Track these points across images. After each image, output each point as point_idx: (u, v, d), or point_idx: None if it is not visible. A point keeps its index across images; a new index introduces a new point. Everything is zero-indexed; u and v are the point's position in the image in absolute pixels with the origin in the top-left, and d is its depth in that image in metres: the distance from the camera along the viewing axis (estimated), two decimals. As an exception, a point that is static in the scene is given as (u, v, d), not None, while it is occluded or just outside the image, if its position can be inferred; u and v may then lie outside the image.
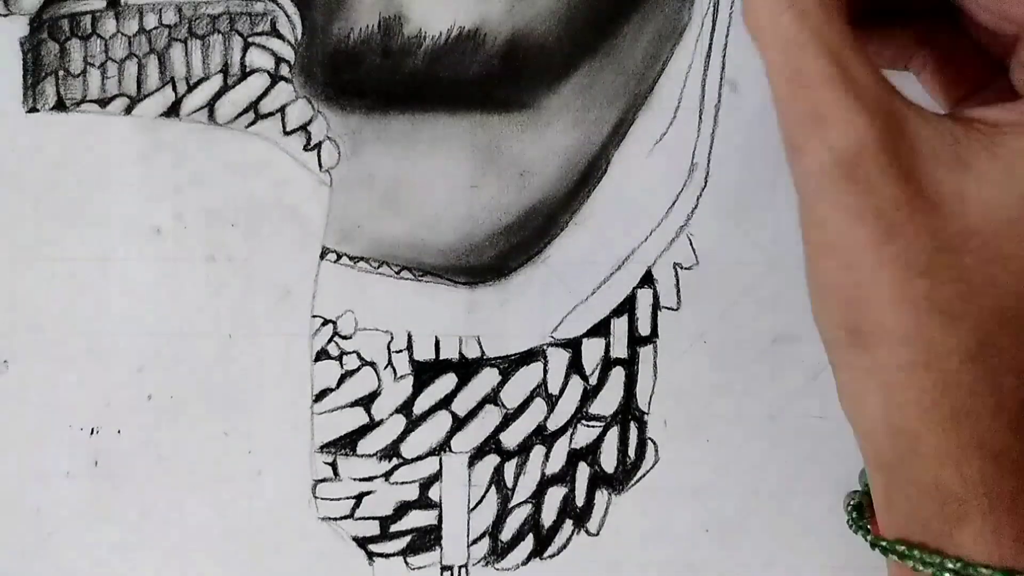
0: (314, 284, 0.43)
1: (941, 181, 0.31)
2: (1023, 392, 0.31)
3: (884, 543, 0.33)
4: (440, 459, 0.43)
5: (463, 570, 0.43)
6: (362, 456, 0.43)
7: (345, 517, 0.43)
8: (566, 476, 0.44)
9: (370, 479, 0.43)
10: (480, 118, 0.43)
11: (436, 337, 0.43)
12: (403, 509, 0.44)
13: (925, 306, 0.30)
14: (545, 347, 0.43)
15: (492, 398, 0.43)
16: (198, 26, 0.43)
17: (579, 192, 0.43)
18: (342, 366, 0.43)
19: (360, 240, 0.43)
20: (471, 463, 0.43)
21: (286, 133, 0.43)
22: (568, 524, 0.44)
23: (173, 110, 0.43)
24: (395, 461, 0.43)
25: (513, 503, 0.44)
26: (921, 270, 0.30)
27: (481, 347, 0.43)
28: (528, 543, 0.44)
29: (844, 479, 0.43)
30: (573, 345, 0.43)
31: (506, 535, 0.44)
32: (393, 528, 0.44)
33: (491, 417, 0.43)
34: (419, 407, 0.43)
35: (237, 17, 0.43)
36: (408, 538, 0.44)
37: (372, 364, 0.43)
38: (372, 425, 0.43)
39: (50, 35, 0.43)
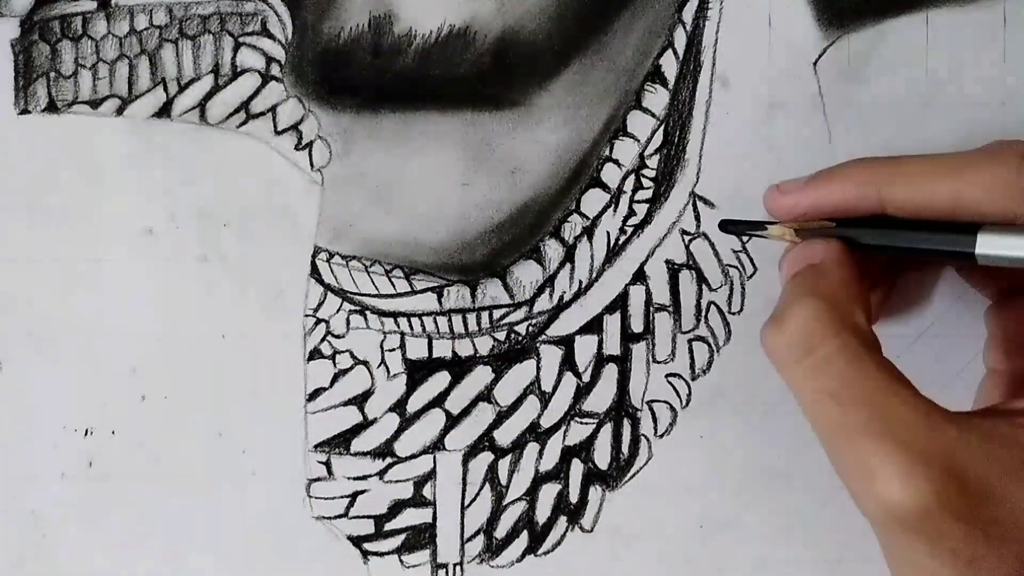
0: (306, 283, 0.43)
1: (1017, 498, 0.30)
2: None
3: None
4: (434, 457, 0.43)
5: (458, 568, 0.43)
6: (356, 455, 0.43)
7: (339, 516, 0.43)
8: (560, 473, 0.44)
9: (364, 478, 0.43)
10: (471, 116, 0.43)
11: (429, 335, 0.43)
12: (397, 507, 0.44)
13: None
14: (538, 344, 0.43)
15: (485, 396, 0.43)
16: (188, 27, 0.43)
17: (570, 189, 0.43)
18: (335, 365, 0.43)
19: (352, 239, 0.43)
20: (465, 461, 0.43)
21: (277, 133, 0.43)
22: (562, 521, 0.44)
23: (164, 111, 0.43)
24: (389, 459, 0.43)
25: (507, 500, 0.44)
26: None
27: (474, 345, 0.43)
28: (522, 540, 0.44)
29: (835, 473, 0.43)
30: (566, 342, 0.43)
31: (500, 532, 0.44)
32: (387, 526, 0.44)
33: (484, 415, 0.43)
34: (412, 405, 0.43)
35: (227, 17, 0.43)
36: (402, 536, 0.44)
37: (365, 363, 0.43)
38: (366, 424, 0.43)
39: (41, 37, 0.43)
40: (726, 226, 0.41)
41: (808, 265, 0.35)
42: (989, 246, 0.33)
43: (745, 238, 0.43)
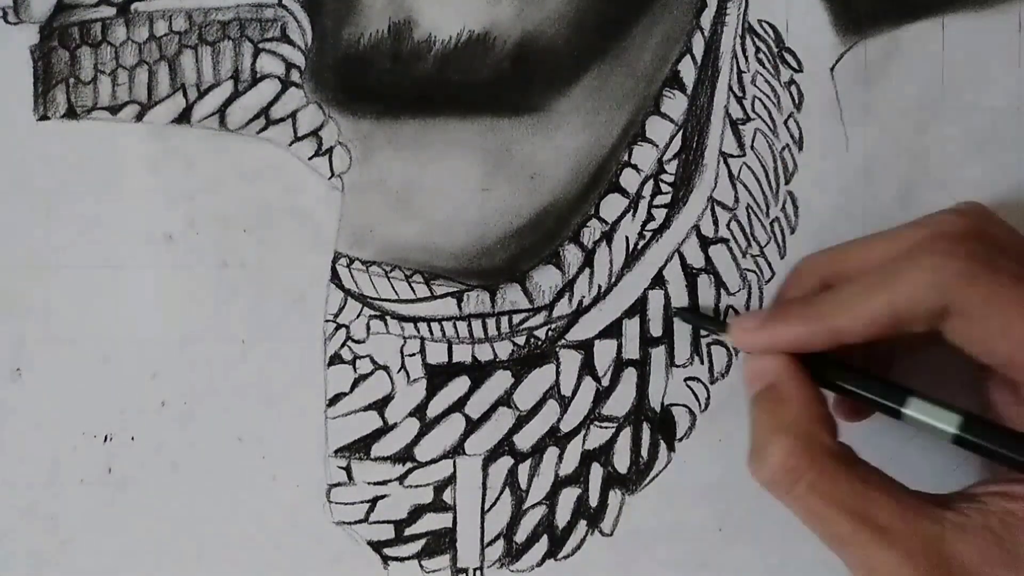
0: (327, 289, 0.43)
1: None
2: None
3: None
4: (454, 462, 0.44)
5: (478, 572, 0.44)
6: (376, 460, 0.43)
7: (360, 521, 0.43)
8: (579, 477, 0.44)
9: (384, 483, 0.44)
10: (490, 121, 0.43)
11: (449, 340, 0.43)
12: (417, 512, 0.44)
13: None
14: (557, 349, 0.44)
15: (505, 400, 0.44)
16: (208, 32, 0.43)
17: (589, 194, 0.44)
18: (355, 370, 0.43)
19: (372, 244, 0.43)
20: (485, 465, 0.44)
21: (297, 138, 0.43)
22: (582, 525, 0.44)
23: (184, 116, 0.43)
24: (409, 464, 0.44)
25: (527, 504, 0.44)
26: None
27: (494, 349, 0.44)
28: (542, 544, 0.44)
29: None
30: (585, 347, 0.44)
31: (520, 536, 0.44)
32: (408, 531, 0.44)
33: (504, 419, 0.44)
34: (432, 410, 0.44)
35: (247, 23, 0.43)
36: (423, 541, 0.44)
37: (385, 368, 0.44)
38: (386, 429, 0.44)
39: (60, 43, 0.43)
40: (680, 313, 0.43)
41: (767, 387, 0.38)
42: (916, 411, 0.37)
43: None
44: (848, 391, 0.38)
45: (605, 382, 0.44)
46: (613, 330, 0.44)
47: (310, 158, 0.43)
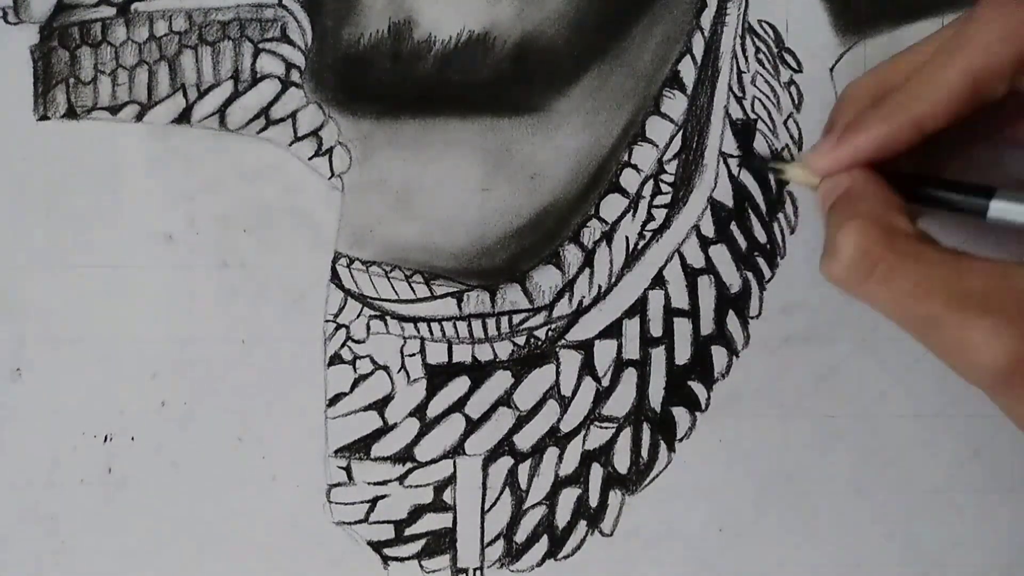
0: (327, 289, 0.43)
1: None
2: None
3: None
4: (454, 462, 0.44)
5: (478, 572, 0.44)
6: (376, 460, 0.43)
7: (360, 521, 0.43)
8: (580, 477, 0.44)
9: (384, 483, 0.44)
10: (490, 121, 0.43)
11: (449, 340, 0.43)
12: (417, 512, 0.44)
13: None
14: (557, 349, 0.44)
15: (505, 400, 0.44)
16: (208, 32, 0.43)
17: (589, 194, 0.44)
18: (355, 370, 0.43)
19: (372, 244, 0.43)
20: (485, 465, 0.44)
21: (297, 138, 0.43)
22: (582, 525, 0.44)
23: (184, 117, 0.43)
24: (409, 464, 0.44)
25: (527, 505, 0.44)
26: None
27: (494, 349, 0.44)
28: (542, 544, 0.44)
29: (854, 477, 0.43)
30: (585, 347, 0.44)
31: (520, 537, 0.44)
32: (408, 531, 0.44)
33: (504, 419, 0.44)
34: (432, 410, 0.44)
35: (247, 23, 0.43)
36: (423, 541, 0.44)
37: (385, 368, 0.44)
38: (386, 429, 0.44)
39: (60, 43, 0.43)
40: (751, 161, 0.42)
41: (840, 195, 0.36)
42: (1001, 211, 0.35)
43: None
44: (930, 197, 0.36)
45: (605, 382, 0.44)
46: (613, 330, 0.44)
47: (310, 158, 0.43)
